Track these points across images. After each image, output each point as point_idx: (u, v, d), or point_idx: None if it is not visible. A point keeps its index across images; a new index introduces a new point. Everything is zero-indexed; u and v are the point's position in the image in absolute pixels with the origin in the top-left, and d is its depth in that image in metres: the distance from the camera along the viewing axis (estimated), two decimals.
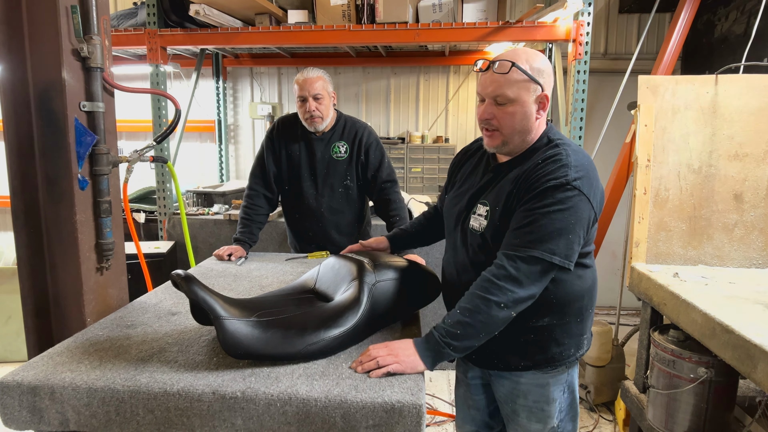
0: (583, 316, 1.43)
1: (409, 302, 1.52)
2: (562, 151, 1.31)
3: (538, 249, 1.23)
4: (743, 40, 3.35)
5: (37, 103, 1.45)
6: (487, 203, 1.38)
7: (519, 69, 1.28)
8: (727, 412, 1.88)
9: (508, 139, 1.35)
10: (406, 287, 1.47)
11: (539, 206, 1.24)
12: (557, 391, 1.46)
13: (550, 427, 1.48)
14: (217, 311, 1.16)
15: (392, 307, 1.44)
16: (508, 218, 1.31)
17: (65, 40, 1.44)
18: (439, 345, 1.23)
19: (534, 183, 1.27)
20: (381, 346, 1.23)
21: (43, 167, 1.48)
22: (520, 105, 1.30)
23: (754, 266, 2.32)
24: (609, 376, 3.02)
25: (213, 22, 3.33)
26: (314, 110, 2.26)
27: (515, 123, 1.32)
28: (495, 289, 1.23)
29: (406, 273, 1.51)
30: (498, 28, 3.22)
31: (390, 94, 4.82)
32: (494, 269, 1.26)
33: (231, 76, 4.96)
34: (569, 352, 1.43)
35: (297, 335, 1.21)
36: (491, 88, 1.30)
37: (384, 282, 1.42)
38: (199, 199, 4.05)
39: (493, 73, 1.29)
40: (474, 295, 1.26)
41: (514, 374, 1.46)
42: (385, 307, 1.41)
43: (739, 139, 2.30)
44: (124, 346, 1.28)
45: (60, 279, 1.52)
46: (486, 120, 1.34)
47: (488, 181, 1.43)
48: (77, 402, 1.09)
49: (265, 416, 1.06)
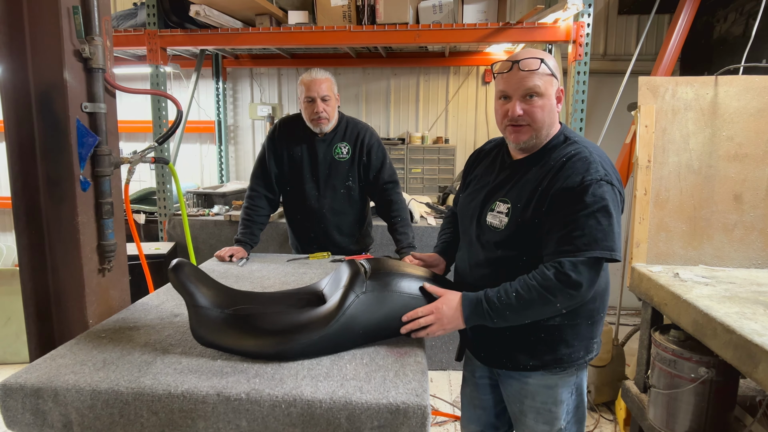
0: (594, 318, 1.43)
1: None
2: (583, 149, 1.35)
3: (597, 250, 1.24)
4: (742, 41, 3.36)
5: (38, 104, 1.45)
6: (507, 200, 1.39)
7: (545, 65, 1.33)
8: (727, 411, 1.88)
9: (537, 133, 1.38)
10: (402, 302, 1.33)
11: (581, 207, 1.26)
12: (565, 393, 1.46)
13: (557, 428, 1.48)
14: (194, 298, 1.25)
15: (380, 320, 1.31)
16: (535, 216, 1.33)
17: (67, 41, 1.43)
18: (485, 316, 1.30)
19: (569, 184, 1.29)
20: (427, 310, 1.31)
21: (45, 169, 1.47)
22: (548, 98, 1.36)
23: (754, 266, 2.33)
24: (609, 376, 3.02)
25: (213, 23, 3.33)
26: (322, 111, 2.26)
27: (545, 116, 1.36)
28: (559, 294, 1.25)
29: (410, 285, 1.36)
30: (498, 29, 3.23)
31: (390, 94, 4.82)
32: (556, 274, 1.25)
33: (231, 77, 4.96)
34: (578, 355, 1.43)
35: (268, 335, 1.23)
36: (522, 84, 1.34)
37: (372, 294, 1.30)
38: (199, 200, 4.05)
39: (520, 71, 1.33)
40: (535, 289, 1.26)
41: (523, 374, 1.46)
42: (370, 319, 1.29)
43: (739, 140, 2.31)
44: (127, 348, 1.28)
45: (62, 280, 1.52)
46: (518, 117, 1.36)
47: (506, 177, 1.44)
48: (81, 404, 1.09)
49: (269, 418, 1.06)
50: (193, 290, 1.27)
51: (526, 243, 1.36)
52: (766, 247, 2.31)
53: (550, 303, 1.26)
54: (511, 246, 1.38)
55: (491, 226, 1.41)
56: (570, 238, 1.25)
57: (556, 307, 1.28)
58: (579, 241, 1.24)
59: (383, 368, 1.19)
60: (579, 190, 1.26)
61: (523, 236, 1.35)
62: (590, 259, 1.25)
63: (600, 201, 1.25)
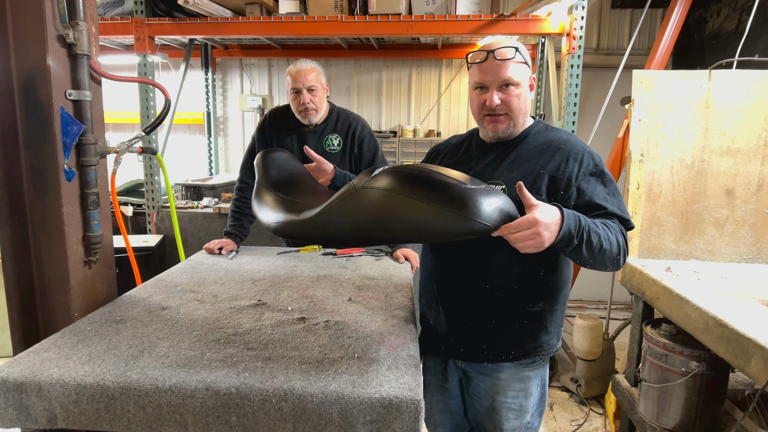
0: (564, 305, 1.49)
1: (402, 226, 1.13)
2: (569, 134, 1.44)
3: (629, 221, 1.34)
4: (735, 36, 3.37)
5: (21, 91, 1.40)
6: (501, 182, 1.38)
7: (520, 53, 1.35)
8: (718, 405, 1.89)
9: (515, 121, 1.39)
10: (402, 206, 1.10)
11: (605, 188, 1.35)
12: (534, 386, 1.48)
13: (525, 422, 1.49)
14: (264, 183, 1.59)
15: (368, 221, 1.14)
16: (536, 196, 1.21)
17: (50, 26, 1.39)
18: (579, 231, 1.16)
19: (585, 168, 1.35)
20: (529, 222, 1.10)
21: (28, 158, 1.43)
22: (523, 87, 1.38)
23: (744, 261, 2.34)
24: (599, 369, 3.04)
25: (202, 12, 3.27)
26: (308, 102, 2.23)
27: (521, 104, 1.38)
28: (621, 250, 1.27)
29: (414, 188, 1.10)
30: (492, 20, 3.21)
31: (382, 87, 4.79)
32: (622, 231, 1.30)
33: (220, 68, 4.89)
34: (552, 342, 1.48)
35: (282, 214, 1.40)
36: (498, 74, 1.34)
37: (371, 189, 1.12)
38: (188, 192, 4.00)
39: (495, 60, 1.33)
40: (613, 231, 1.26)
41: (495, 369, 1.46)
42: (362, 218, 1.15)
43: (732, 135, 2.31)
44: (114, 342, 1.25)
45: (46, 273, 1.48)
46: (495, 107, 1.36)
47: (493, 160, 1.43)
48: (65, 399, 1.06)
49: (260, 413, 1.04)
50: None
51: None
52: (757, 242, 2.32)
53: (618, 252, 1.26)
54: None
55: None
56: (613, 211, 1.31)
57: (616, 260, 1.27)
58: (620, 213, 1.32)
59: (376, 362, 1.17)
60: (598, 172, 1.35)
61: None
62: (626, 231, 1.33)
63: (613, 180, 1.37)
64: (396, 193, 1.10)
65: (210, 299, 1.59)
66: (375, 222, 1.14)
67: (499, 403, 1.47)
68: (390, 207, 1.11)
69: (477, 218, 1.07)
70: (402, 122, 4.80)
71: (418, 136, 4.58)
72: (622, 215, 1.32)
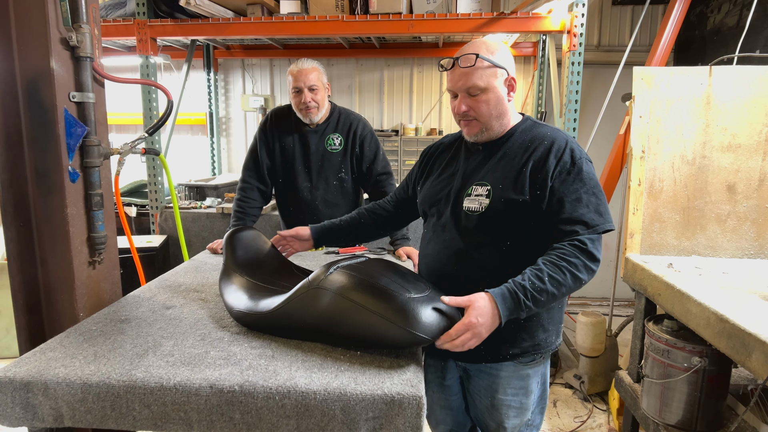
0: (563, 302, 1.48)
1: (354, 329, 1.18)
2: (555, 130, 1.42)
3: (605, 224, 1.31)
4: (735, 32, 3.36)
5: (24, 93, 1.42)
6: (486, 183, 1.38)
7: (483, 58, 1.34)
8: (720, 400, 1.90)
9: (487, 126, 1.41)
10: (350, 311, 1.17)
11: (580, 186, 1.32)
12: (534, 383, 1.48)
13: (525, 419, 1.49)
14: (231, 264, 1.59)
15: (323, 320, 1.20)
16: (523, 195, 1.33)
17: (53, 29, 1.40)
18: (520, 307, 1.22)
19: (562, 165, 1.33)
20: (462, 329, 1.16)
21: (33, 160, 1.45)
22: (492, 92, 1.37)
23: (746, 257, 2.34)
24: (602, 366, 3.04)
25: (204, 13, 3.28)
26: (310, 101, 2.24)
27: (491, 109, 1.38)
28: (585, 271, 1.27)
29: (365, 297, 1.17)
30: (492, 19, 3.21)
31: (383, 86, 4.79)
32: (581, 251, 1.27)
33: (222, 68, 4.91)
34: (551, 339, 1.47)
35: (245, 299, 1.40)
36: (461, 83, 1.36)
37: (324, 291, 1.20)
38: (191, 192, 4.01)
39: (460, 68, 1.35)
40: (564, 270, 1.25)
41: (495, 367, 1.46)
42: (317, 316, 1.21)
43: (733, 130, 2.31)
44: (119, 341, 1.26)
45: (51, 273, 1.50)
46: (463, 113, 1.39)
47: (481, 161, 1.44)
48: (72, 398, 1.07)
49: (263, 410, 1.05)
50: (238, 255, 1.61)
51: (510, 224, 1.36)
52: (759, 238, 2.32)
53: (578, 281, 1.27)
54: (494, 228, 1.37)
55: (469, 210, 1.40)
56: (579, 216, 1.30)
57: (581, 285, 1.29)
58: (588, 218, 1.30)
59: (378, 359, 1.18)
60: (575, 170, 1.33)
61: (507, 217, 1.35)
62: (603, 232, 1.31)
63: (593, 177, 1.34)
64: (345, 298, 1.17)
65: (214, 298, 1.61)
66: (328, 321, 1.21)
67: (500, 401, 1.48)
68: (339, 310, 1.18)
69: (417, 331, 1.12)
70: (404, 121, 4.80)
71: (420, 135, 4.58)
72: (591, 221, 1.29)
